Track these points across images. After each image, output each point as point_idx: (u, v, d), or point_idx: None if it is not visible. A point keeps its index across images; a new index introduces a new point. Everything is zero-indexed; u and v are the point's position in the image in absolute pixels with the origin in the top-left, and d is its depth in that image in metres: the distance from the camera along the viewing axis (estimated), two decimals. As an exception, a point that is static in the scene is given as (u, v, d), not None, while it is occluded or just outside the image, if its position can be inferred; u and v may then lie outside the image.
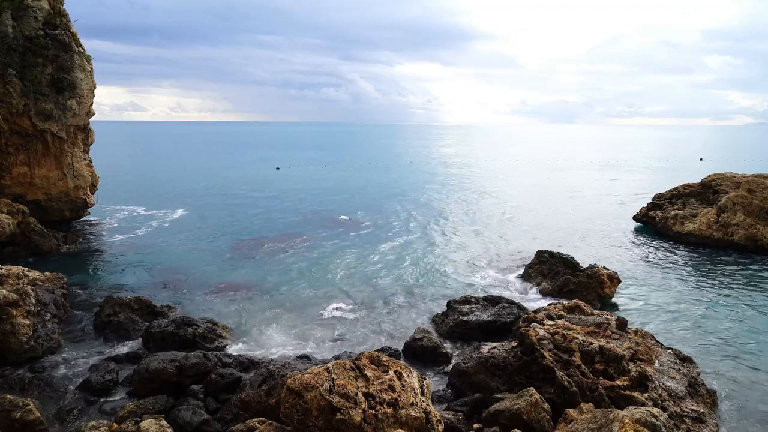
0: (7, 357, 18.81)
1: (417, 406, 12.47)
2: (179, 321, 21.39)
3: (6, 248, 31.69)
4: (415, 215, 48.49)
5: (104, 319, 22.05)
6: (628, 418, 11.53)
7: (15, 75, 34.58)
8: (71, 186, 39.12)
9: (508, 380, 16.38)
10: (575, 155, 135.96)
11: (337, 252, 34.86)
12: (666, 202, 42.51)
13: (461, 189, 67.50)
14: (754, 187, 36.04)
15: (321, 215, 47.83)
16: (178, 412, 15.15)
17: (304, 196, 59.72)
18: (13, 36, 34.85)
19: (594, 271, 26.05)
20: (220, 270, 30.62)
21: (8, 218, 32.44)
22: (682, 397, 15.27)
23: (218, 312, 24.05)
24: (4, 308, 19.23)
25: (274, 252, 34.89)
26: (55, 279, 23.78)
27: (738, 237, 34.78)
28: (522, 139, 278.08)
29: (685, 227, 37.74)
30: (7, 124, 35.19)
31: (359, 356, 13.58)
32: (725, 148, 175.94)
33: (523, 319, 19.34)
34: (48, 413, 15.73)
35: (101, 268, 31.15)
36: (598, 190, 66.55)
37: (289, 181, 74.68)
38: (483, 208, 52.25)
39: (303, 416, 11.87)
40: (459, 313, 22.58)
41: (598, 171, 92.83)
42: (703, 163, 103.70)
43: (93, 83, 39.33)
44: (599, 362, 15.78)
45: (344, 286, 28.13)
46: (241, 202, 54.96)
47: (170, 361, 17.36)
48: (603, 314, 19.53)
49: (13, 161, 36.40)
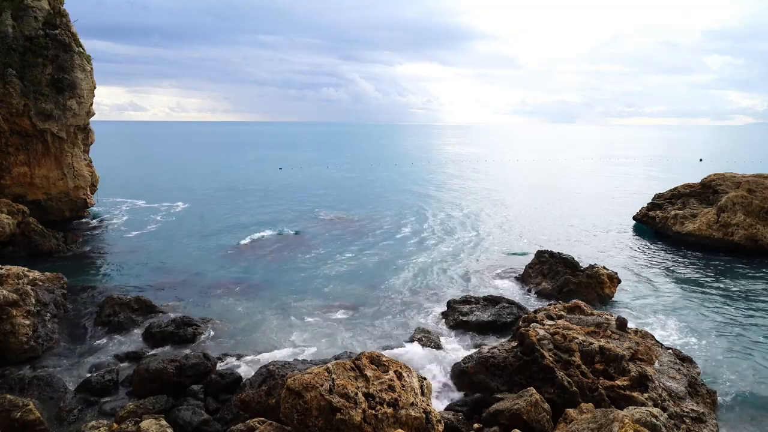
0: (7, 357, 18.81)
1: (417, 406, 12.47)
2: (179, 321, 21.41)
3: (6, 248, 31.69)
4: (416, 215, 48.49)
5: (104, 319, 22.06)
6: (628, 418, 11.53)
7: (15, 75, 34.59)
8: (71, 186, 39.14)
9: (508, 380, 16.38)
10: (575, 155, 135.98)
11: (337, 251, 34.86)
12: (666, 202, 42.50)
13: (461, 189, 67.49)
14: (754, 187, 36.04)
15: (321, 215, 47.82)
16: (178, 412, 15.15)
17: (304, 196, 59.72)
18: (13, 36, 34.86)
19: (594, 271, 26.05)
20: (220, 270, 30.62)
21: (8, 218, 32.44)
22: (682, 397, 15.27)
23: (218, 312, 24.07)
24: (4, 308, 19.23)
25: (274, 252, 34.89)
26: (55, 279, 23.78)
27: (738, 237, 34.77)
28: (522, 139, 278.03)
29: (685, 227, 37.74)
30: (7, 124, 35.20)
31: (359, 356, 13.58)
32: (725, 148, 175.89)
33: (523, 319, 19.33)
34: (48, 413, 15.72)
35: (101, 267, 31.15)
36: (598, 190, 66.57)
37: (289, 180, 74.68)
38: (483, 208, 52.24)
39: (303, 416, 11.87)
40: (459, 313, 22.58)
41: (598, 171, 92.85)
42: (703, 163, 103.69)
43: (93, 83, 39.35)
44: (599, 362, 15.78)
45: (344, 285, 28.13)
46: (242, 202, 54.95)
47: (170, 361, 17.37)
48: (603, 314, 19.53)
49: (13, 161, 36.41)
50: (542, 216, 48.52)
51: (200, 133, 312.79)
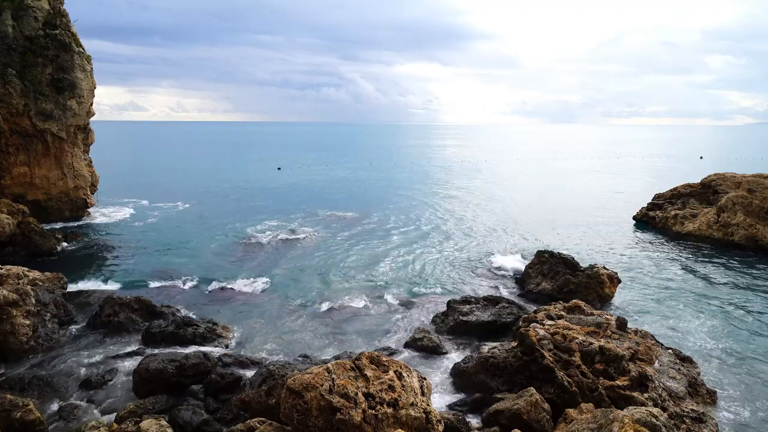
0: (7, 357, 18.82)
1: (417, 406, 12.46)
2: (179, 321, 21.40)
3: (6, 248, 31.70)
4: (416, 215, 48.49)
5: (104, 319, 22.03)
6: (628, 418, 11.53)
7: (15, 75, 34.59)
8: (71, 186, 39.14)
9: (508, 380, 16.38)
10: (575, 155, 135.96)
11: (337, 251, 34.87)
12: (666, 202, 42.51)
13: (461, 189, 67.49)
14: (754, 187, 36.04)
15: (320, 215, 47.82)
16: (178, 412, 15.14)
17: (304, 196, 59.74)
18: (13, 36, 34.87)
19: (594, 271, 26.03)
20: (220, 269, 30.62)
21: (8, 218, 32.44)
22: (682, 397, 15.27)
23: (218, 312, 24.06)
24: (4, 308, 19.23)
25: (273, 251, 34.89)
26: (55, 279, 23.78)
27: (738, 237, 34.78)
28: (522, 139, 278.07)
29: (685, 227, 37.73)
30: (7, 124, 35.20)
31: (359, 356, 13.57)
32: (725, 148, 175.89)
33: (523, 319, 19.32)
34: (48, 413, 15.73)
35: (101, 267, 31.14)
36: (599, 190, 66.57)
37: (289, 180, 74.70)
38: (482, 209, 52.24)
39: (303, 416, 11.87)
40: (459, 313, 22.57)
41: (599, 171, 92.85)
42: (704, 164, 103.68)
43: (93, 83, 39.35)
44: (599, 362, 15.77)
45: (344, 285, 28.13)
46: (242, 202, 54.95)
47: (170, 361, 17.35)
48: (603, 314, 19.52)
49: (13, 161, 36.42)
50: (542, 216, 48.50)
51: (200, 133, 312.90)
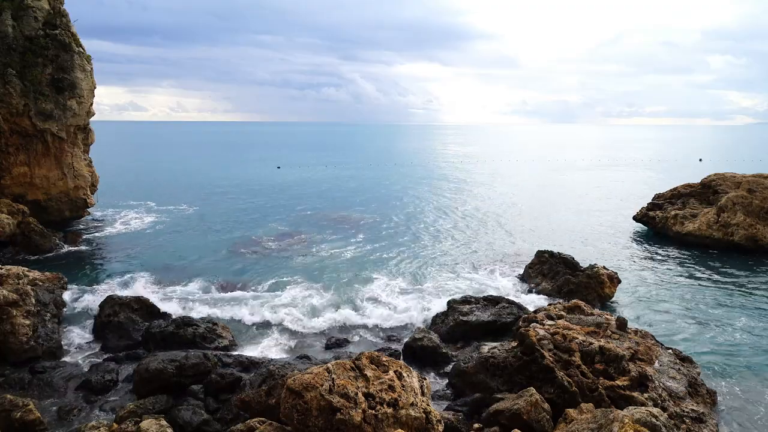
0: (7, 357, 18.80)
1: (417, 406, 12.47)
2: (179, 321, 21.39)
3: (6, 248, 31.70)
4: (415, 215, 48.49)
5: (104, 319, 22.03)
6: (628, 418, 11.53)
7: (15, 75, 34.57)
8: (71, 186, 39.11)
9: (508, 380, 16.37)
10: (575, 155, 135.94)
11: (336, 251, 34.87)
12: (666, 202, 42.49)
13: (461, 189, 67.49)
14: (754, 187, 36.03)
15: (320, 215, 47.82)
16: (178, 412, 15.14)
17: (304, 196, 59.74)
18: (13, 36, 34.86)
19: (594, 271, 26.03)
20: (220, 269, 30.63)
21: (8, 218, 32.44)
22: (682, 397, 15.27)
23: (219, 312, 24.06)
24: (4, 308, 19.23)
25: (273, 251, 34.90)
26: (55, 279, 23.78)
27: (738, 237, 34.77)
28: (522, 139, 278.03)
29: (685, 227, 37.73)
30: (7, 124, 35.19)
31: (359, 356, 13.57)
32: (725, 148, 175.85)
33: (523, 319, 19.32)
34: (48, 413, 15.73)
35: (101, 267, 31.15)
36: (598, 190, 66.54)
37: (289, 180, 74.70)
38: (483, 208, 52.24)
39: (303, 416, 11.87)
40: (459, 313, 22.56)
41: (598, 171, 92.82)
42: (703, 163, 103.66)
43: (93, 83, 39.33)
44: (599, 362, 15.77)
45: (344, 285, 28.13)
46: (242, 201, 54.95)
47: (170, 361, 17.34)
48: (603, 314, 19.52)
49: (13, 161, 36.39)
50: (542, 216, 48.50)
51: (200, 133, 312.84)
